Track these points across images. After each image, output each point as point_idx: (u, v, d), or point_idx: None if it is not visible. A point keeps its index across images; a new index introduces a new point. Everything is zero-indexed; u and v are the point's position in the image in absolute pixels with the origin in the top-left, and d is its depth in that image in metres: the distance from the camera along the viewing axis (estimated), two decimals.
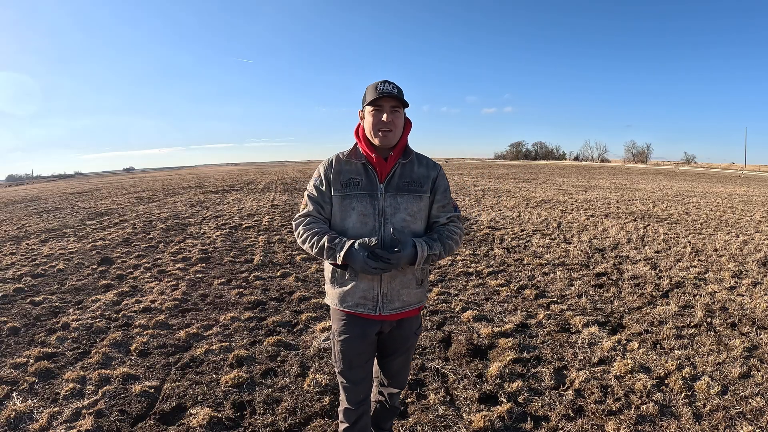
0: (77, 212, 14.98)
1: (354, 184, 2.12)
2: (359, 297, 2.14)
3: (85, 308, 5.17)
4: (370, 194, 2.11)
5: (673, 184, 25.55)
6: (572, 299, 5.26)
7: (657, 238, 8.80)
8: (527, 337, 4.23)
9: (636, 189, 21.07)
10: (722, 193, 19.52)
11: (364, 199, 2.10)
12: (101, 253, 8.05)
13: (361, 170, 2.14)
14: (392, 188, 2.13)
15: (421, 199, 2.18)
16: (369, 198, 2.10)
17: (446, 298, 5.32)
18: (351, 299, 2.15)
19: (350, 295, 2.15)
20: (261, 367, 3.73)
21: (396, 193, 2.12)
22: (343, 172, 2.14)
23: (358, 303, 2.15)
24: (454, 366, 3.73)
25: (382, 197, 2.11)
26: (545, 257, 7.26)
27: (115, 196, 21.57)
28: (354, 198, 2.11)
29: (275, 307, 5.16)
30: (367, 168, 2.14)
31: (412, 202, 2.14)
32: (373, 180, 2.13)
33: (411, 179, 2.16)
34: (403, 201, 2.13)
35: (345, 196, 2.11)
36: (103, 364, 3.81)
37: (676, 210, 12.97)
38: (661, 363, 3.69)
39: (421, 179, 2.19)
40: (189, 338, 4.32)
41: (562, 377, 3.52)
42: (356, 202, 2.10)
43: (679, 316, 4.72)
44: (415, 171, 2.19)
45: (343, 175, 2.14)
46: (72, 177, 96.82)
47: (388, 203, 2.11)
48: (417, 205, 2.16)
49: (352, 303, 2.16)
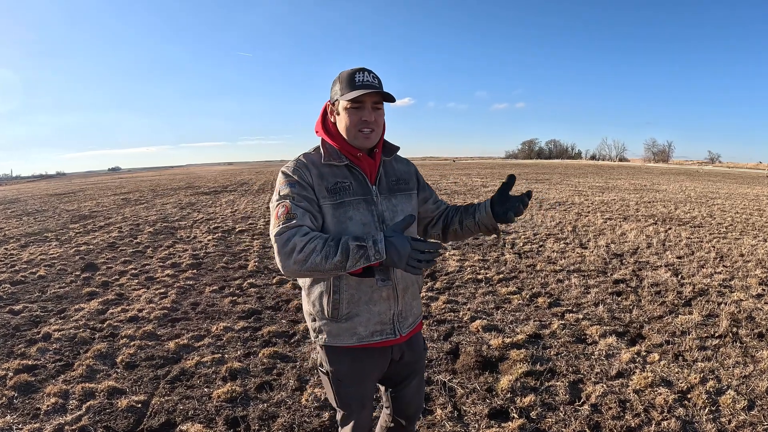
0: (59, 215, 15.03)
1: (344, 189, 1.85)
2: (375, 323, 1.90)
3: (67, 317, 5.18)
4: (365, 199, 1.87)
5: (697, 184, 25.51)
6: (588, 308, 5.26)
7: (679, 242, 8.79)
8: (540, 348, 4.23)
9: (657, 190, 21.03)
10: (749, 194, 19.48)
11: (360, 206, 1.86)
12: (85, 259, 8.08)
13: (345, 173, 1.89)
14: (384, 189, 1.95)
15: (412, 198, 2.04)
16: (365, 203, 1.87)
17: (454, 306, 5.32)
18: (365, 329, 1.89)
19: (363, 324, 1.89)
20: (256, 380, 3.73)
21: (389, 195, 1.95)
22: (326, 176, 1.85)
23: (375, 331, 1.91)
24: (462, 379, 3.73)
25: (378, 201, 1.91)
26: (560, 263, 7.26)
27: (100, 197, 21.63)
28: (349, 205, 1.84)
29: (271, 316, 5.17)
30: (352, 170, 1.89)
31: (406, 203, 1.99)
32: (363, 182, 1.89)
33: (397, 177, 2.02)
34: (398, 202, 1.96)
35: (336, 205, 1.82)
36: (87, 378, 3.83)
37: (699, 213, 12.95)
38: (684, 376, 3.68)
39: (405, 176, 2.05)
40: (179, 350, 4.33)
41: (577, 391, 3.52)
42: (352, 210, 1.84)
43: (702, 326, 4.72)
44: (396, 168, 2.05)
45: (326, 179, 1.84)
46: (54, 177, 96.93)
47: (385, 207, 1.92)
48: (410, 204, 2.02)
49: (366, 333, 1.90)
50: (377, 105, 1.86)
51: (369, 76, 1.82)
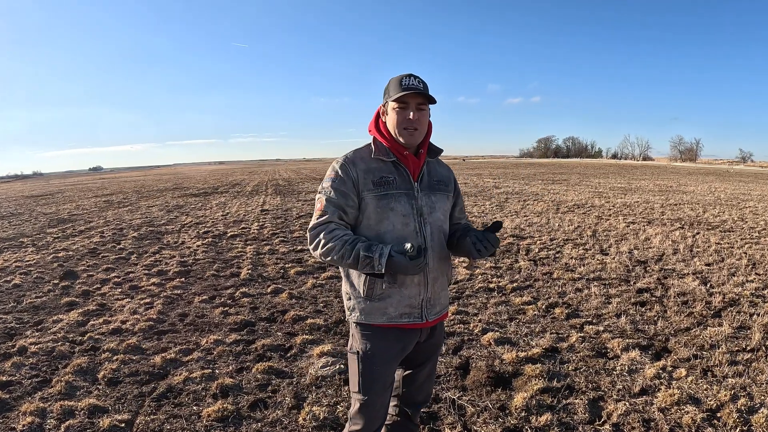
0: (36, 218, 15.09)
1: (388, 183, 2.22)
2: (405, 305, 2.23)
3: (45, 330, 5.20)
4: (407, 193, 2.24)
5: (727, 185, 25.46)
6: (610, 319, 5.25)
7: (708, 248, 8.77)
8: (557, 363, 4.23)
9: (683, 191, 21.00)
10: None
11: (401, 199, 2.22)
12: (64, 266, 8.11)
13: (391, 168, 2.25)
14: (425, 187, 2.30)
15: (449, 199, 2.40)
16: (406, 197, 2.23)
17: (464, 318, 5.32)
18: (395, 310, 2.23)
19: (393, 306, 2.23)
20: (249, 397, 3.74)
21: (430, 192, 2.30)
22: (372, 170, 2.23)
23: (403, 313, 2.24)
24: (472, 397, 3.73)
25: (419, 196, 2.26)
26: (578, 270, 7.25)
27: (80, 199, 21.71)
28: (391, 198, 2.21)
29: (265, 328, 5.18)
30: (398, 166, 2.25)
31: (443, 202, 2.35)
32: (407, 178, 2.26)
33: (439, 178, 2.37)
34: (437, 200, 2.31)
35: (382, 196, 2.20)
36: (67, 395, 3.83)
37: (730, 216, 12.93)
38: (713, 393, 3.67)
39: (446, 179, 2.41)
40: (166, 364, 4.34)
41: (597, 410, 3.51)
42: (395, 202, 2.21)
43: (733, 338, 4.71)
44: (439, 170, 2.40)
45: (373, 173, 2.22)
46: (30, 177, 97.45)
47: (425, 203, 2.26)
48: (447, 204, 2.38)
49: (396, 314, 2.24)
50: (421, 106, 2.21)
51: (415, 80, 2.18)
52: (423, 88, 2.18)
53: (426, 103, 2.22)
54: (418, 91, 2.15)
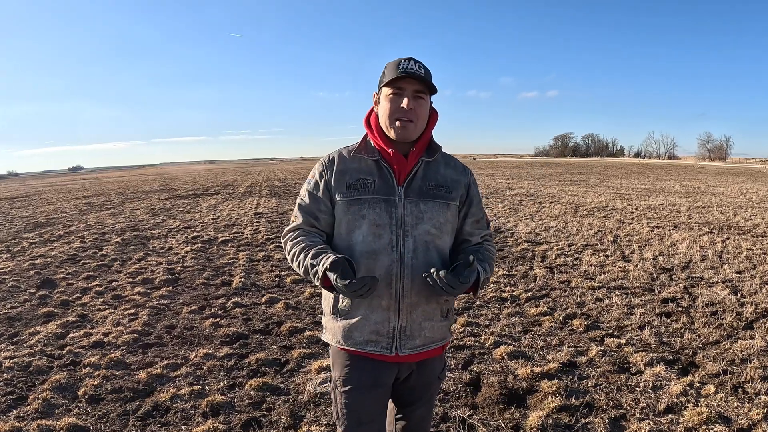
0: (11, 222, 15.14)
1: (364, 186, 2.03)
2: (370, 332, 2.05)
3: (21, 343, 5.21)
4: (386, 199, 2.03)
5: (759, 186, 25.38)
6: (632, 332, 5.25)
7: (739, 254, 8.76)
8: (576, 379, 4.23)
9: (712, 193, 20.96)
10: None
11: (377, 205, 2.02)
12: (41, 274, 8.12)
13: (373, 169, 2.06)
14: (414, 192, 2.05)
15: (449, 208, 2.12)
16: (384, 204, 2.02)
17: (474, 330, 5.32)
18: (359, 335, 2.07)
19: (358, 329, 2.06)
20: (242, 416, 3.74)
21: (418, 199, 2.05)
22: (349, 171, 2.07)
23: (369, 340, 2.06)
24: (484, 415, 3.73)
25: (401, 203, 2.03)
26: (598, 279, 7.25)
27: (59, 202, 21.76)
28: (365, 203, 2.02)
29: (260, 341, 5.19)
30: (381, 166, 2.06)
31: (438, 211, 2.07)
32: (389, 181, 2.05)
33: (437, 182, 2.10)
34: (427, 209, 2.05)
35: (352, 201, 2.03)
36: (44, 413, 3.84)
37: (762, 219, 12.90)
38: (744, 411, 3.67)
39: (449, 183, 2.13)
40: (151, 380, 4.35)
41: (619, 429, 3.51)
42: (367, 208, 2.01)
43: (766, 352, 4.70)
44: (442, 173, 2.13)
45: (349, 174, 2.06)
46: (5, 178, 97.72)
47: (409, 211, 2.03)
48: (444, 215, 2.09)
49: (360, 340, 2.07)
50: (419, 94, 2.02)
51: (414, 64, 2.00)
52: (423, 73, 1.99)
53: (425, 92, 2.03)
54: (416, 76, 1.96)
